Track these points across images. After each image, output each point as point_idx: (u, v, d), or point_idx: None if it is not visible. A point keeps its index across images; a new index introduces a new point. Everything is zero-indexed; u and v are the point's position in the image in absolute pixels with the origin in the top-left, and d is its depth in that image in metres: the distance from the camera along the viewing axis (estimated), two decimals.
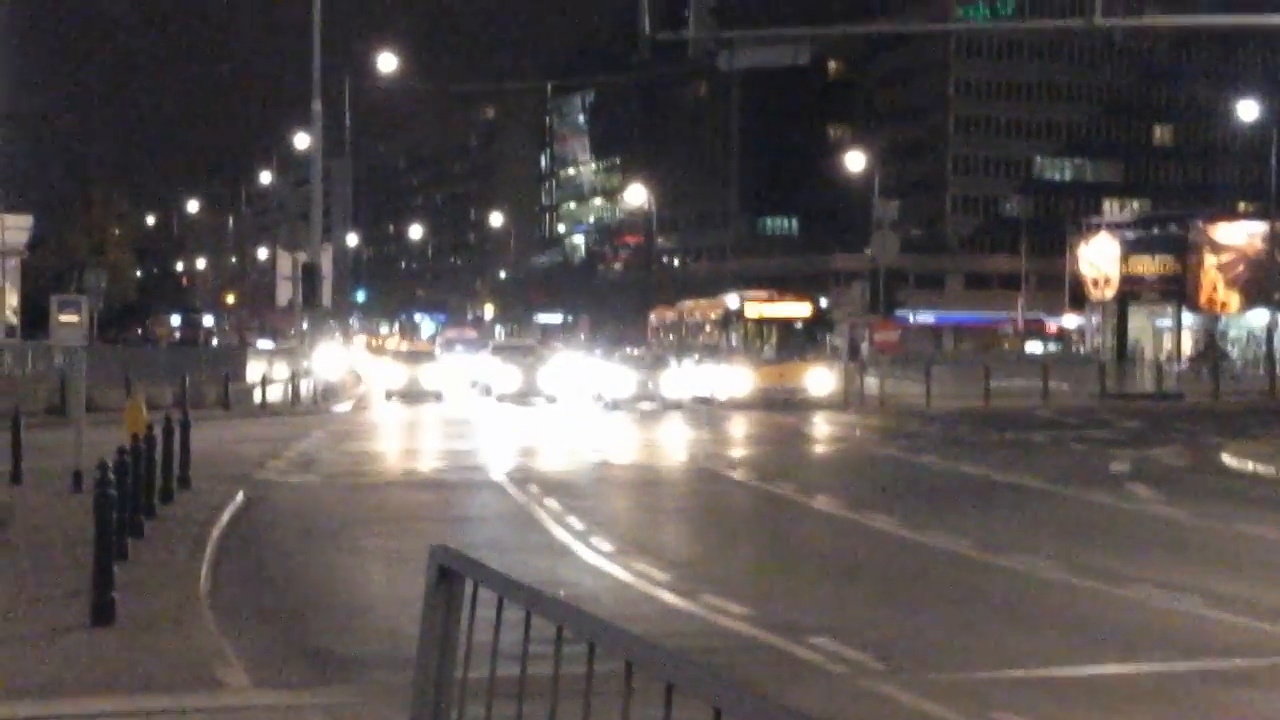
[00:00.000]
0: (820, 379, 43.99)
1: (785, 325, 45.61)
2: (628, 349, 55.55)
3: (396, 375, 46.64)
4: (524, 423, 36.31)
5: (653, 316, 61.76)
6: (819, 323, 47.31)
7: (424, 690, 4.96)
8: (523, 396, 44.60)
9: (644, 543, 16.34)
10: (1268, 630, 11.40)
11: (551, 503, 19.38)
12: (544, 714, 4.18)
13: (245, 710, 8.66)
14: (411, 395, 45.03)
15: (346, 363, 57.74)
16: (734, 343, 45.69)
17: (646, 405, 41.33)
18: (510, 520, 18.27)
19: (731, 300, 47.49)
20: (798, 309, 46.55)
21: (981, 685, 9.55)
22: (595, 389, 44.67)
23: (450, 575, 4.93)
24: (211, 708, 8.63)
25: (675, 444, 31.04)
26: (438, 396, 45.06)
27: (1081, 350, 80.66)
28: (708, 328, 49.58)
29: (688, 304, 56.17)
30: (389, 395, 45.46)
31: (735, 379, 43.55)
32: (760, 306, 46.59)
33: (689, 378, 44.03)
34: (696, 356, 47.16)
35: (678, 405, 41.36)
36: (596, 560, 14.88)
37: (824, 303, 52.11)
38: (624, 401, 41.70)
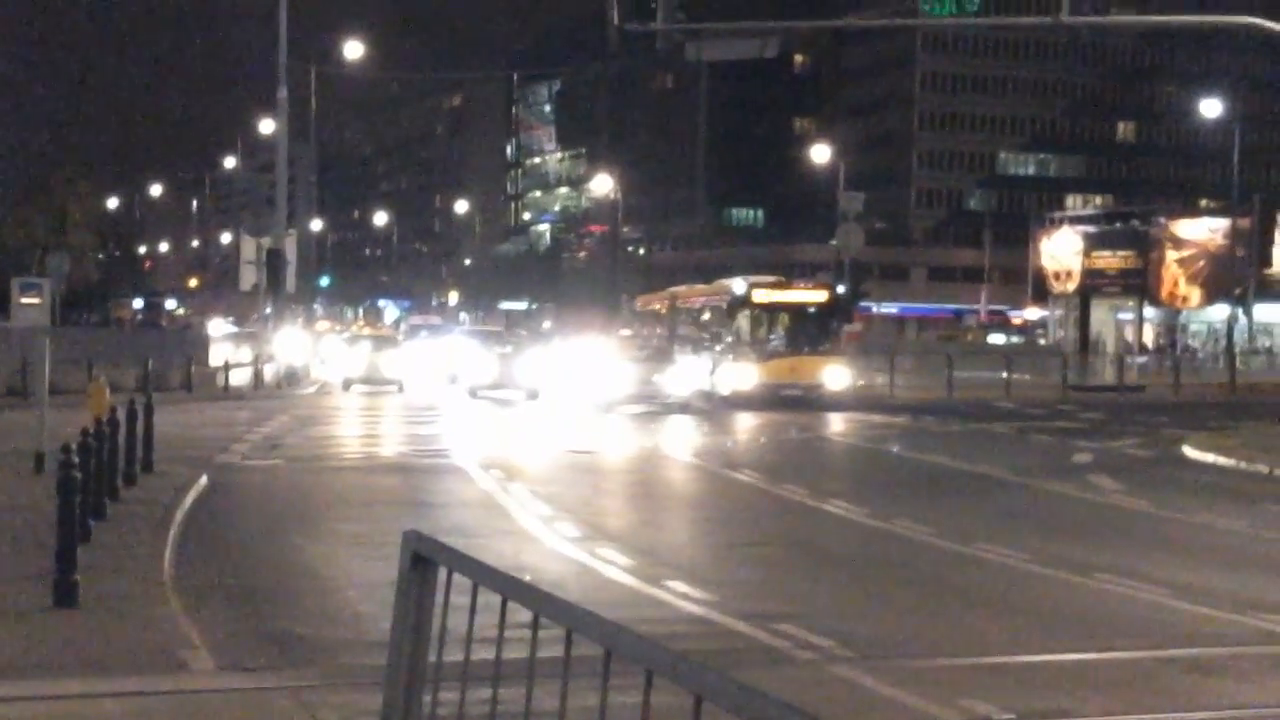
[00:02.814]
0: (836, 374, 39.52)
1: (797, 313, 40.62)
2: (619, 336, 50.61)
3: (355, 362, 43.78)
4: (503, 424, 31.79)
5: (637, 303, 56.38)
6: (835, 311, 41.81)
7: (396, 676, 4.93)
8: (498, 389, 39.46)
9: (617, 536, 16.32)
10: (1229, 619, 11.50)
11: (518, 488, 19.36)
12: (518, 700, 4.17)
13: (210, 694, 8.61)
14: (371, 383, 42.58)
15: (312, 348, 57.13)
16: (739, 333, 40.78)
17: (647, 406, 36.38)
18: (475, 506, 18.23)
19: (737, 285, 42.41)
20: (812, 295, 41.77)
21: (947, 672, 9.59)
22: (584, 383, 39.73)
23: (423, 561, 4.90)
24: (176, 691, 8.58)
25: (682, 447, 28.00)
26: (399, 386, 42.33)
27: (1044, 342, 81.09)
28: (706, 315, 44.73)
29: (680, 289, 51.28)
30: (346, 384, 42.80)
31: (739, 374, 39.26)
32: (769, 293, 41.73)
33: (688, 372, 39.84)
34: (689, 348, 42.75)
35: (684, 405, 36.57)
36: (562, 546, 14.87)
37: (840, 289, 46.70)
38: (621, 400, 36.69)
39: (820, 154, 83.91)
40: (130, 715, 8.02)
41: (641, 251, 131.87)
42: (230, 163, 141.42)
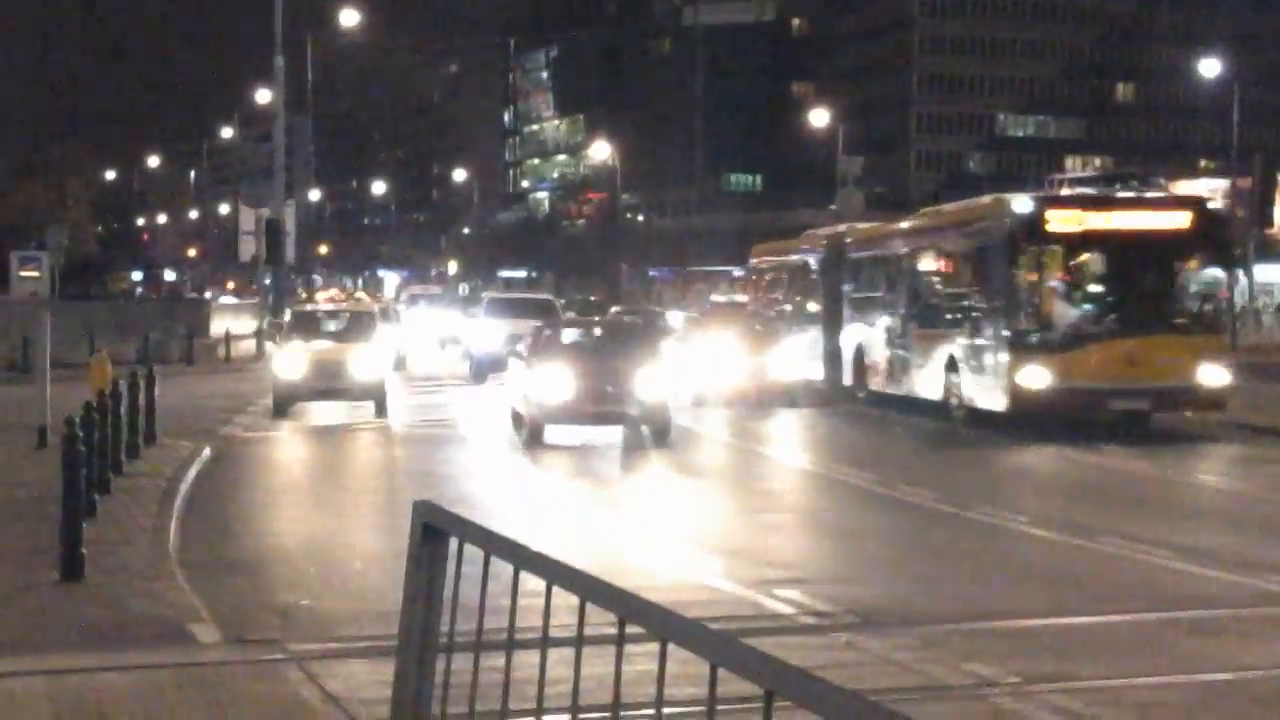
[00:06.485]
0: (1212, 369, 22.15)
1: (1140, 251, 22.19)
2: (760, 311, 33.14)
3: (296, 359, 24.84)
4: None
5: (753, 260, 37.25)
6: (1211, 247, 23.18)
7: (408, 645, 4.94)
8: (589, 419, 21.24)
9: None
10: (1231, 580, 11.52)
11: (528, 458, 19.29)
12: (531, 667, 4.18)
13: (218, 665, 8.63)
14: (328, 393, 24.81)
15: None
16: (1015, 294, 22.11)
17: None
18: (486, 478, 18.23)
19: (1018, 203, 22.82)
20: (1166, 218, 23.02)
21: (953, 636, 9.61)
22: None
23: (434, 532, 4.89)
24: (183, 663, 8.60)
25: None
26: (378, 402, 24.88)
27: None
28: (926, 266, 26.56)
29: (840, 229, 32.88)
30: (282, 400, 24.77)
31: (1017, 370, 21.65)
32: (1081, 215, 22.57)
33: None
34: (896, 325, 26.51)
35: None
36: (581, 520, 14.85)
37: (1218, 203, 28.05)
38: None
39: (819, 118, 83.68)
40: (137, 688, 8.04)
41: (640, 218, 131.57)
42: (227, 133, 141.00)
